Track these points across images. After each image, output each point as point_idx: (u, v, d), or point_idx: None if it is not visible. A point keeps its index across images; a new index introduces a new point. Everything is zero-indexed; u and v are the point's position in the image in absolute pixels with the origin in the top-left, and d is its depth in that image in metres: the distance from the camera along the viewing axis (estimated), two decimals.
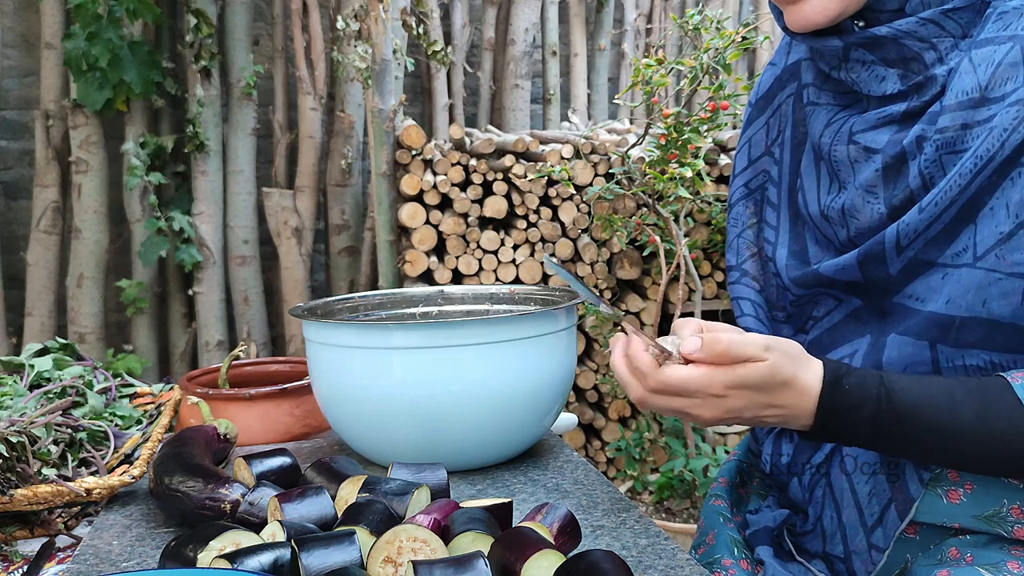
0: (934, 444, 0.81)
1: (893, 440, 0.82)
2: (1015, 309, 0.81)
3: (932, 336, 0.85)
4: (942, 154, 0.83)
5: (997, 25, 0.84)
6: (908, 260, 0.86)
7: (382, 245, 2.96)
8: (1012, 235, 0.80)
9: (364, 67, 2.88)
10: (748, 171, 1.09)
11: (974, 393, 0.80)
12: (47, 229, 3.20)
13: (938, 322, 0.84)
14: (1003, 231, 0.80)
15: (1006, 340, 0.82)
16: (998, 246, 0.81)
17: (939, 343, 0.85)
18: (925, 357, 0.86)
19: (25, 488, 0.93)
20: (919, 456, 0.84)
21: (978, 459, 0.82)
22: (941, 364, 0.85)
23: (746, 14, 3.96)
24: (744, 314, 1.03)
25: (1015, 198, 0.80)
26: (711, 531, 1.03)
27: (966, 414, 0.80)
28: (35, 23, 3.26)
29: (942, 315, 0.84)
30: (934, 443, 0.81)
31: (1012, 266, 0.80)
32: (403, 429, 1.07)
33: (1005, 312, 0.81)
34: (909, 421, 0.80)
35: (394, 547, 0.76)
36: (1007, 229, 0.80)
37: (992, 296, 0.81)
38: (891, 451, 0.84)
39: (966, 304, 0.82)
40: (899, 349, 0.87)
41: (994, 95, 0.82)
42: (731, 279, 1.07)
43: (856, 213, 0.90)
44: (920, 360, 0.86)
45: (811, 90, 0.98)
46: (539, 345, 1.08)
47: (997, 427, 0.79)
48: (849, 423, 0.81)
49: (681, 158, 2.33)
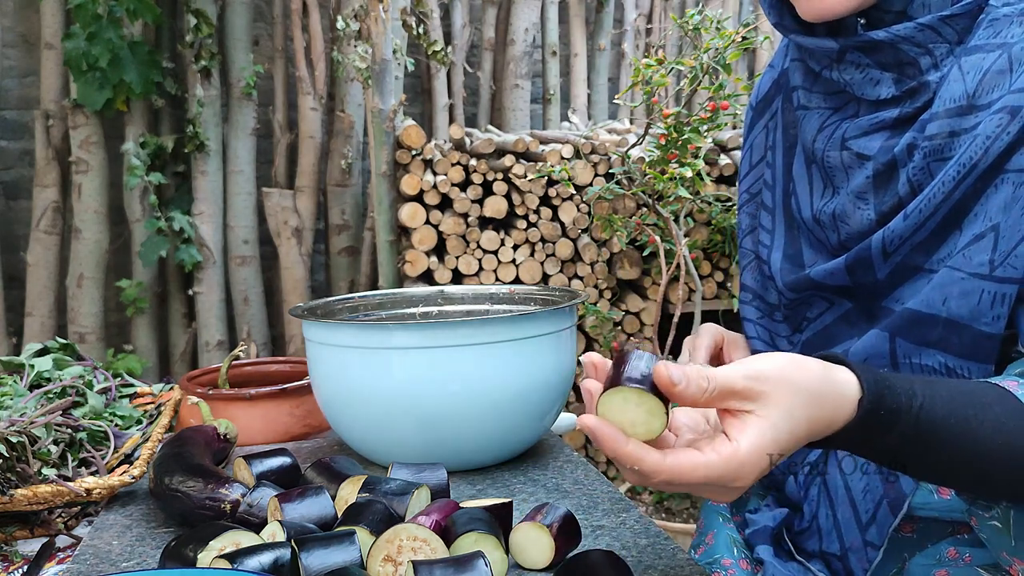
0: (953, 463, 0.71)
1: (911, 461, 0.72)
2: (972, 310, 0.80)
3: (894, 328, 0.85)
4: (930, 161, 0.84)
5: (988, 32, 0.84)
6: (895, 265, 0.86)
7: (382, 245, 2.96)
8: (982, 237, 0.80)
9: (364, 67, 2.89)
10: (750, 176, 1.10)
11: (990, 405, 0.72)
12: (47, 229, 3.20)
13: (906, 316, 0.84)
14: (975, 232, 0.80)
15: (962, 343, 0.81)
16: (968, 247, 0.81)
17: (899, 336, 0.84)
18: (884, 350, 0.86)
19: (25, 488, 0.93)
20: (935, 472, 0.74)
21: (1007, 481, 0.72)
22: (898, 359, 0.85)
23: (746, 14, 3.96)
24: (751, 337, 1.04)
25: (995, 204, 0.80)
26: (711, 531, 1.03)
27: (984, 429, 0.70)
28: (35, 23, 3.26)
29: (912, 310, 0.83)
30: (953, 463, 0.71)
31: (975, 267, 0.80)
32: (403, 429, 1.07)
33: (963, 312, 0.81)
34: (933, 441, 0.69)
35: (394, 546, 0.76)
36: (979, 230, 0.80)
37: (952, 295, 0.81)
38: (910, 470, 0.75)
39: (928, 300, 0.82)
40: (863, 340, 0.87)
41: (981, 103, 0.82)
42: (741, 299, 1.07)
43: (847, 219, 0.91)
44: (878, 352, 0.86)
45: (800, 93, 0.97)
46: (539, 345, 1.08)
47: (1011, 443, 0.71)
48: (873, 447, 0.70)
49: (681, 158, 2.33)
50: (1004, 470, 0.72)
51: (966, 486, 0.75)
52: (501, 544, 0.78)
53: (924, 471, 0.74)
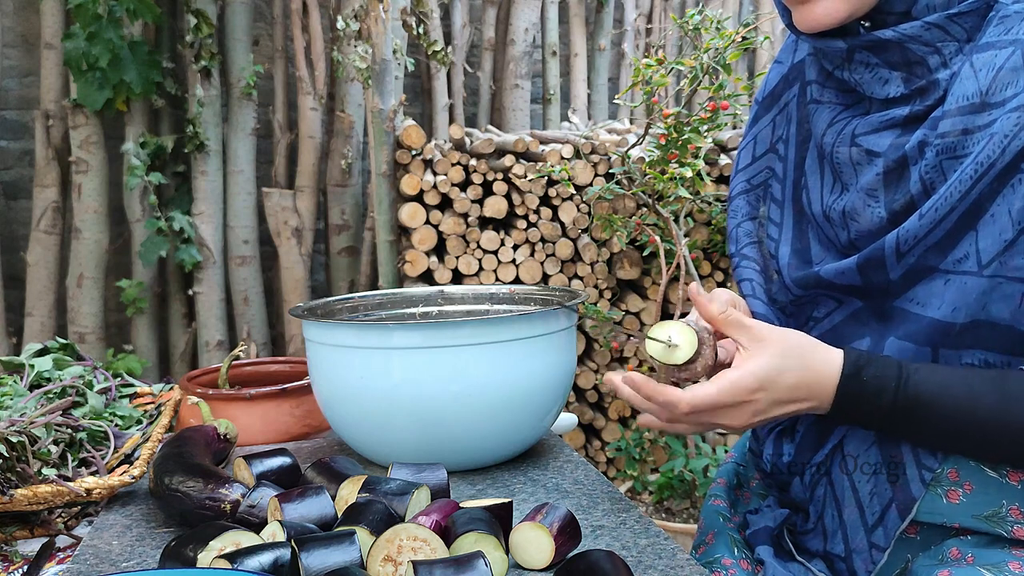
0: (952, 431, 0.84)
1: (911, 426, 0.85)
2: (1013, 311, 0.82)
3: (935, 342, 0.86)
4: (942, 159, 0.83)
5: (999, 29, 0.84)
6: (909, 266, 0.86)
7: (382, 245, 2.96)
8: (1014, 242, 0.80)
9: (364, 67, 2.88)
10: (752, 167, 1.09)
11: (993, 382, 0.83)
12: (47, 229, 3.20)
13: (941, 329, 0.85)
14: (1007, 238, 0.81)
15: (1001, 340, 0.83)
16: (1002, 253, 0.81)
17: (941, 347, 0.86)
18: (926, 360, 0.87)
19: (25, 488, 0.93)
20: (937, 443, 0.86)
21: (996, 446, 0.83)
22: (940, 363, 0.87)
23: (746, 14, 3.95)
24: (749, 295, 1.04)
25: (1017, 205, 0.80)
26: (711, 531, 1.03)
27: (986, 402, 0.82)
28: (35, 23, 3.26)
29: (946, 323, 0.84)
30: (952, 429, 0.83)
31: (1013, 271, 0.81)
32: (403, 429, 1.07)
33: (1004, 315, 0.82)
34: (927, 409, 0.83)
35: (394, 546, 0.76)
36: (1010, 236, 0.80)
37: (993, 300, 0.82)
38: (908, 437, 0.87)
39: (969, 310, 0.83)
40: (899, 353, 0.87)
41: (994, 100, 0.81)
42: (734, 264, 1.08)
43: (856, 216, 0.90)
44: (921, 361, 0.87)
45: (814, 87, 0.97)
46: (539, 345, 1.08)
47: (1018, 419, 0.81)
48: (866, 411, 0.85)
49: (681, 158, 2.33)
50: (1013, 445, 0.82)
51: (970, 455, 0.86)
52: (501, 544, 0.78)
53: (918, 438, 0.86)
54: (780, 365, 0.84)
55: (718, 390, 0.84)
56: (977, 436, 0.83)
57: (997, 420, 0.82)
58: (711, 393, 0.84)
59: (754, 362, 0.84)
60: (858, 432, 0.92)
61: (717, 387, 0.84)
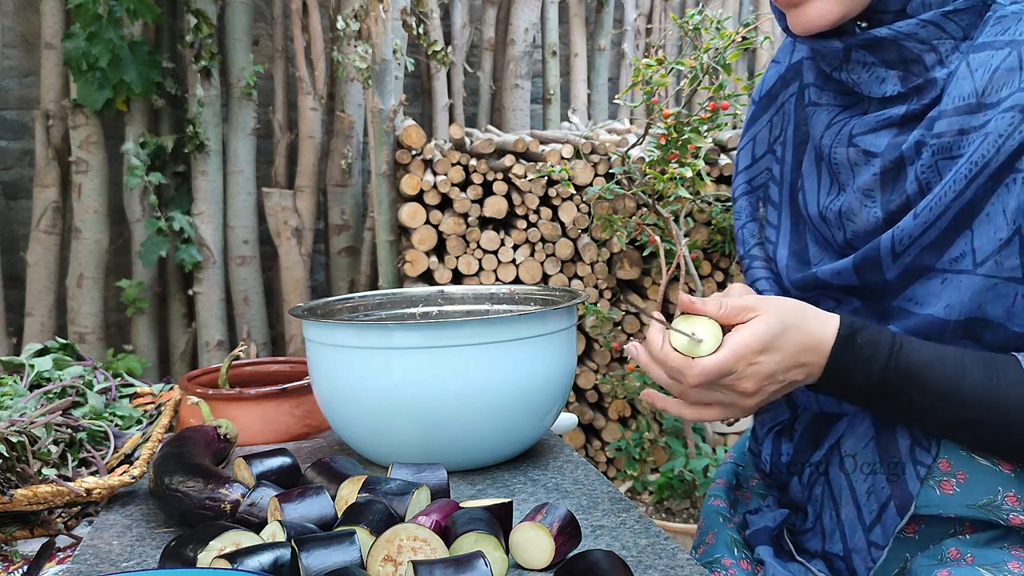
0: (939, 406, 0.83)
1: (899, 398, 0.84)
2: (1008, 311, 0.82)
3: (931, 339, 0.86)
4: (938, 159, 0.83)
5: (996, 29, 0.84)
6: (905, 266, 0.86)
7: (382, 245, 2.96)
8: (1009, 241, 0.81)
9: (364, 67, 2.88)
10: (752, 168, 1.09)
11: (984, 362, 0.83)
12: (47, 229, 3.20)
13: (937, 325, 0.85)
14: (1002, 237, 0.81)
15: (994, 336, 0.84)
16: (998, 252, 0.81)
17: (933, 341, 0.86)
18: None
19: (25, 488, 0.93)
20: (923, 416, 0.86)
21: (977, 429, 0.83)
22: None
23: (746, 14, 3.96)
24: (767, 292, 1.04)
25: (1012, 204, 0.80)
26: (711, 531, 1.03)
27: (974, 379, 0.82)
28: (35, 23, 3.26)
29: (940, 319, 0.85)
30: (939, 405, 0.83)
31: (1009, 271, 0.81)
32: (403, 429, 1.07)
33: (998, 312, 0.83)
34: (917, 379, 0.83)
35: (394, 546, 0.76)
36: (1005, 235, 0.81)
37: (988, 300, 0.83)
38: (895, 411, 0.87)
39: (964, 309, 0.84)
40: None
41: (990, 100, 0.82)
42: (744, 267, 1.08)
43: (853, 216, 0.90)
44: None
45: (812, 90, 0.98)
46: (539, 345, 1.08)
47: (1004, 399, 0.81)
48: (859, 376, 0.85)
49: (681, 158, 2.33)
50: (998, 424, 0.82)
51: (953, 434, 0.86)
52: (501, 544, 0.78)
53: (906, 410, 0.85)
54: (781, 326, 0.83)
55: (725, 355, 0.83)
56: (965, 412, 0.83)
57: (984, 395, 0.82)
58: (718, 359, 0.83)
59: (756, 324, 0.84)
60: (856, 431, 0.92)
61: (723, 352, 0.84)
